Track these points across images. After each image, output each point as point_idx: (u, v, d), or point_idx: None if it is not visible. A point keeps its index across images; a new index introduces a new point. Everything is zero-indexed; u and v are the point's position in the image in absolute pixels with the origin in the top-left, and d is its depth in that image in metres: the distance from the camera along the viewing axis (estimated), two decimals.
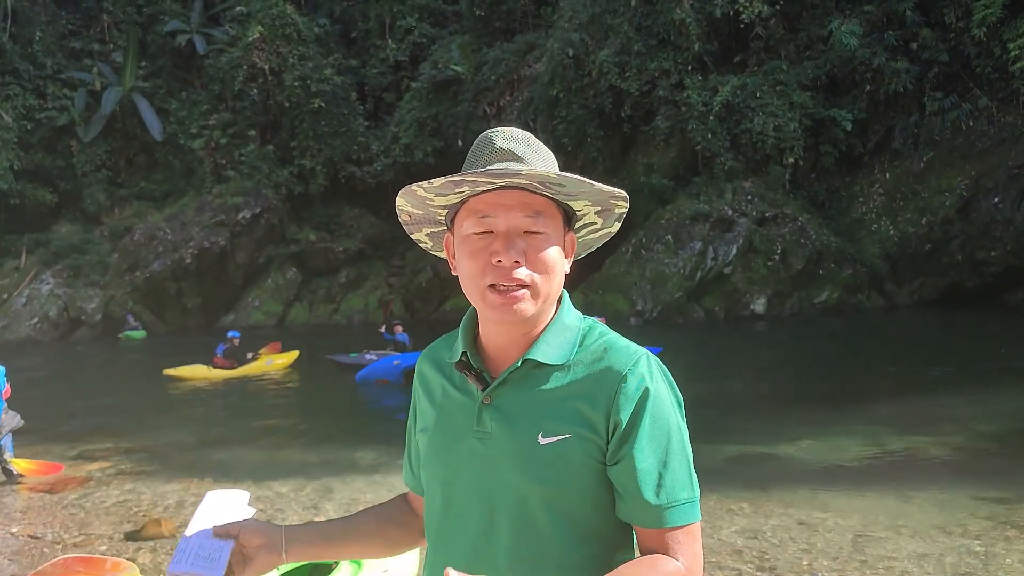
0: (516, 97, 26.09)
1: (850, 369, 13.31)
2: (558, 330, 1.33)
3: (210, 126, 28.76)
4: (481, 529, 1.31)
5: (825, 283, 21.22)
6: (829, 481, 6.88)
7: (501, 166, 1.25)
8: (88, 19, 31.35)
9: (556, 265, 1.29)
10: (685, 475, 1.27)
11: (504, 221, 1.25)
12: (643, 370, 1.28)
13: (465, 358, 1.36)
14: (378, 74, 30.48)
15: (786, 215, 21.50)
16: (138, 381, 16.34)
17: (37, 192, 27.75)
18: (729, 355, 15.84)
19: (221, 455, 8.96)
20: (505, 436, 1.29)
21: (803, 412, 10.09)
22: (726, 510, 5.96)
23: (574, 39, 23.36)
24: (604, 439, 1.26)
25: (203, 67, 30.50)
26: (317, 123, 28.21)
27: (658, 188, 22.33)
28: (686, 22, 21.86)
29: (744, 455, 7.95)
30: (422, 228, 1.44)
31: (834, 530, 5.46)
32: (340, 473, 7.62)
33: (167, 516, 6.38)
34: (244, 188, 27.57)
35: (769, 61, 22.31)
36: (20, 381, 9.41)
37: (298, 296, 27.69)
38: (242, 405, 12.93)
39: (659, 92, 22.39)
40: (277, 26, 28.28)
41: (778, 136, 21.25)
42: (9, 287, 26.01)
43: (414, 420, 1.49)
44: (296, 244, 27.89)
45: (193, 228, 26.87)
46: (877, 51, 20.72)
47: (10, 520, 6.61)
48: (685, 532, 1.26)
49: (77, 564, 3.85)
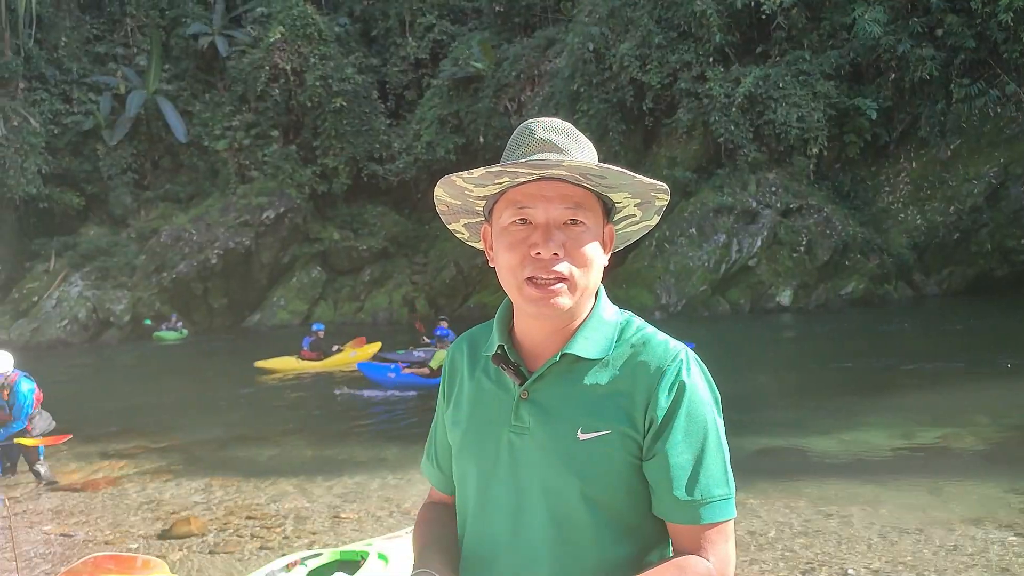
0: (537, 92, 26.06)
1: (878, 361, 13.16)
2: (596, 324, 1.32)
3: (233, 127, 28.99)
4: (519, 524, 1.30)
5: (851, 274, 21.01)
6: (858, 473, 6.80)
7: (541, 157, 1.24)
8: (112, 23, 31.68)
9: (595, 258, 1.28)
10: (720, 472, 1.25)
11: (543, 213, 1.24)
12: (681, 366, 1.26)
13: (502, 351, 1.34)
14: (399, 72, 30.57)
15: (811, 206, 21.30)
16: (169, 381, 16.49)
17: (65, 196, 28.10)
18: (755, 348, 15.74)
19: (250, 453, 9.03)
20: (543, 431, 1.28)
21: (831, 404, 9.99)
22: (753, 503, 5.91)
23: (594, 33, 23.28)
24: (641, 435, 1.25)
25: (225, 69, 30.74)
26: (339, 122, 28.33)
27: (681, 181, 22.20)
28: (707, 13, 21.70)
29: (771, 448, 7.89)
30: (459, 219, 1.43)
31: (864, 523, 5.40)
32: (370, 470, 7.65)
33: (196, 515, 6.43)
34: (268, 188, 27.77)
35: (791, 51, 22.09)
36: (51, 383, 9.55)
37: (323, 295, 27.85)
38: (271, 403, 13.02)
39: (680, 84, 22.26)
40: (298, 26, 28.42)
41: (802, 126, 21.05)
42: (39, 290, 26.37)
43: (444, 411, 1.47)
44: (320, 243, 28.06)
45: (218, 229, 27.10)
46: (902, 38, 20.44)
47: (42, 519, 6.70)
48: (718, 530, 1.24)
49: (108, 562, 3.89)
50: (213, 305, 27.24)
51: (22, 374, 7.96)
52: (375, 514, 6.20)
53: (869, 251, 21.02)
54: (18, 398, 7.75)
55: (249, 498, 6.92)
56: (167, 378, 16.93)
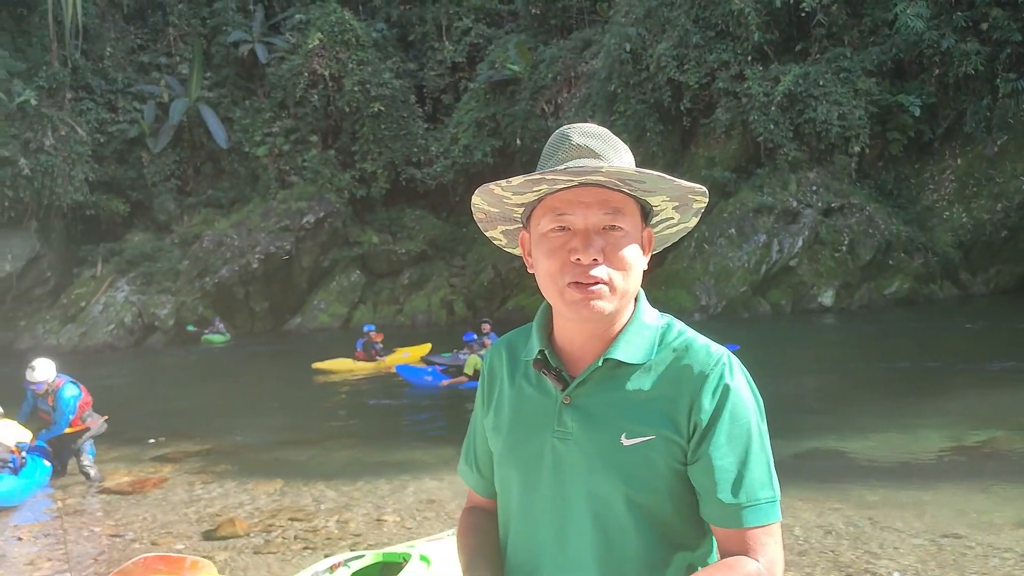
0: (573, 94, 26.03)
1: (924, 362, 12.93)
2: (637, 329, 1.33)
3: (273, 133, 29.34)
4: (563, 529, 1.31)
5: (895, 273, 20.67)
6: (903, 476, 6.69)
7: (579, 163, 1.24)
8: (155, 33, 32.25)
9: (634, 262, 1.28)
10: (765, 474, 1.26)
11: (582, 219, 1.24)
12: (724, 369, 1.27)
13: (542, 356, 1.35)
14: (436, 76, 30.71)
15: (853, 205, 21.00)
16: (213, 384, 16.73)
17: (111, 203, 28.64)
18: (797, 349, 15.54)
19: (292, 455, 9.13)
20: (587, 436, 1.28)
21: (875, 406, 9.85)
22: (797, 506, 5.84)
23: (631, 33, 23.19)
24: (686, 439, 1.25)
25: (265, 75, 31.13)
26: (377, 127, 28.54)
27: (720, 181, 22.02)
28: (745, 12, 21.50)
29: (814, 450, 7.79)
30: (497, 226, 1.44)
31: (910, 527, 5.31)
32: (411, 472, 7.68)
33: (241, 516, 6.52)
34: (307, 193, 28.05)
35: (832, 48, 21.80)
36: (100, 387, 9.74)
37: (362, 298, 28.05)
38: (314, 406, 13.15)
39: (719, 84, 22.08)
40: (336, 32, 28.69)
41: (843, 124, 20.76)
42: (87, 295, 26.91)
43: (482, 416, 1.48)
44: (359, 247, 28.27)
45: (259, 234, 27.43)
46: (945, 33, 20.07)
47: (92, 520, 6.84)
48: (765, 532, 1.24)
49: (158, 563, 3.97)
50: (255, 309, 27.59)
51: (67, 380, 8.14)
52: (416, 516, 6.24)
53: (913, 250, 20.67)
54: (60, 403, 7.93)
55: (292, 500, 7.00)
56: (211, 381, 17.18)
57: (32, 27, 28.29)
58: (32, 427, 8.00)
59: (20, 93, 26.14)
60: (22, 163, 25.58)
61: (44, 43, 28.13)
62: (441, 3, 30.75)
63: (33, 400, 8.15)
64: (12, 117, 26.11)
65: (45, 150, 26.47)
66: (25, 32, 28.38)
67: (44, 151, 26.44)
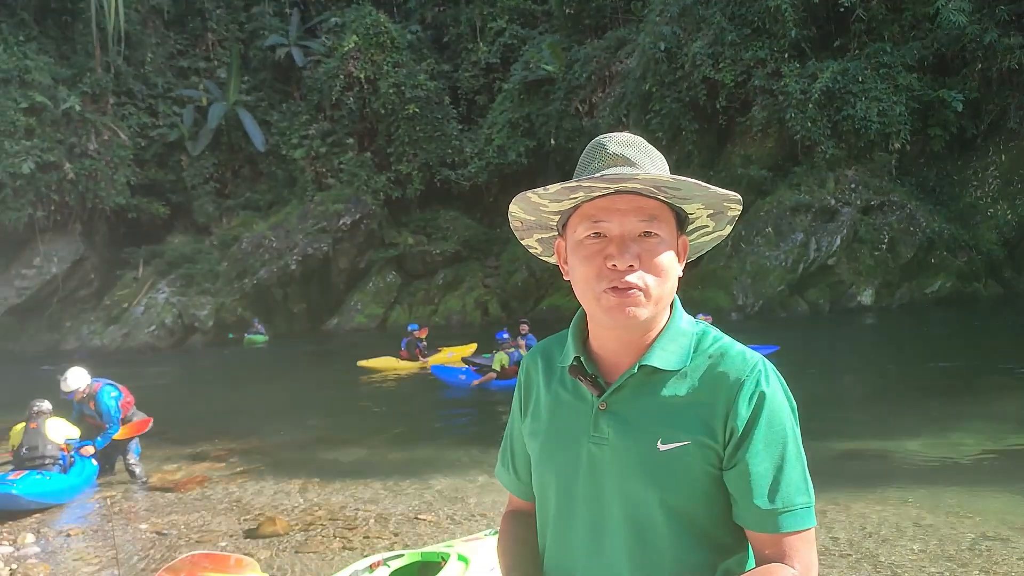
0: (608, 93, 25.96)
1: (967, 361, 12.71)
2: (673, 335, 1.34)
3: (310, 136, 29.63)
4: (599, 534, 1.33)
5: (937, 272, 20.33)
6: (946, 479, 6.59)
7: (614, 171, 1.26)
8: (194, 38, 32.74)
9: (670, 269, 1.29)
10: (801, 480, 1.26)
11: (618, 225, 1.26)
12: (760, 376, 1.28)
13: (578, 363, 1.37)
14: (470, 77, 30.81)
15: (893, 203, 20.70)
16: (253, 384, 16.94)
17: (152, 206, 29.13)
18: (836, 349, 15.37)
19: (331, 454, 9.22)
20: (623, 442, 1.30)
21: (916, 407, 9.70)
22: (836, 508, 5.79)
23: (666, 32, 23.08)
24: (721, 445, 1.26)
25: (302, 79, 31.47)
26: (412, 129, 28.70)
27: (757, 179, 21.83)
28: (781, 8, 21.28)
29: (854, 452, 7.70)
30: (533, 234, 1.45)
31: (954, 530, 5.23)
32: (449, 472, 7.73)
33: (281, 515, 6.61)
34: (344, 195, 28.30)
35: (871, 44, 21.49)
36: (143, 388, 9.92)
37: (398, 299, 28.22)
38: (353, 406, 13.26)
39: (755, 82, 21.88)
40: (371, 35, 28.90)
41: (883, 121, 20.46)
42: (129, 297, 27.40)
43: (519, 421, 1.50)
44: (395, 248, 28.44)
45: (297, 235, 27.73)
46: (988, 27, 19.69)
47: (138, 518, 6.98)
48: (800, 538, 1.25)
49: (204, 560, 4.05)
50: (292, 310, 27.89)
51: (104, 382, 8.30)
52: (454, 516, 6.28)
53: (956, 248, 20.32)
54: (102, 406, 8.09)
55: (332, 499, 7.08)
56: (251, 382, 17.39)
57: (76, 34, 28.87)
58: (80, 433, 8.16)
59: (65, 99, 26.72)
60: (67, 167, 26.15)
61: (88, 50, 28.70)
62: (475, 4, 30.84)
63: (78, 407, 8.33)
64: (57, 123, 26.70)
65: (89, 154, 27.04)
66: (70, 39, 28.97)
67: (88, 155, 27.01)
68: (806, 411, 1.32)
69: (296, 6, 33.47)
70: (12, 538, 6.54)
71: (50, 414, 7.84)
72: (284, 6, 33.22)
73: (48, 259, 26.93)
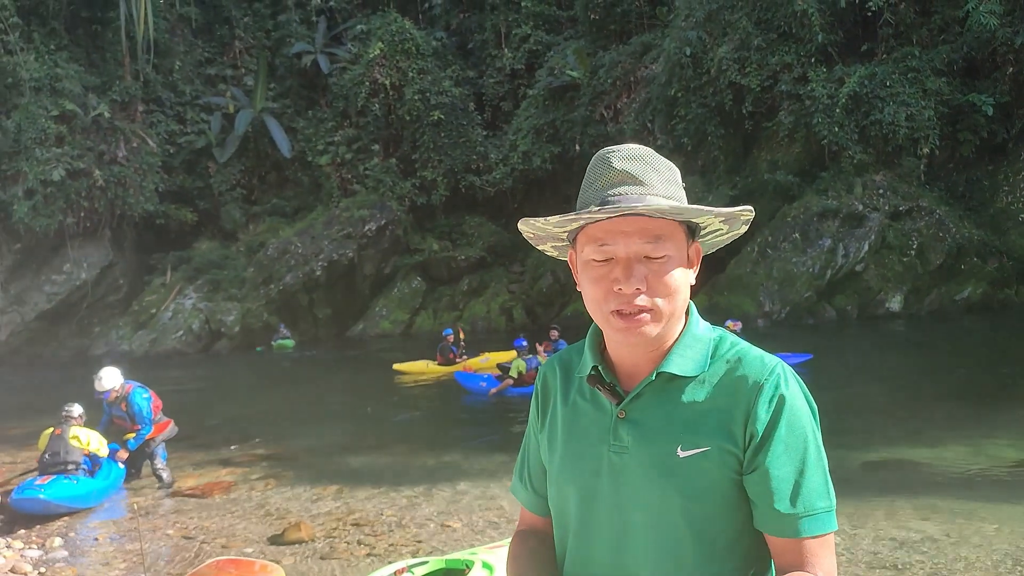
0: (633, 99, 25.88)
1: (998, 369, 12.51)
2: (690, 342, 1.33)
3: (336, 142, 29.80)
4: (621, 543, 1.31)
5: (968, 278, 20.04)
6: (976, 489, 6.48)
7: (619, 190, 1.26)
8: (222, 46, 33.06)
9: (679, 286, 1.28)
10: (822, 484, 1.25)
11: (624, 248, 1.25)
12: (779, 379, 1.27)
13: (596, 372, 1.37)
14: (495, 83, 30.85)
15: (922, 208, 20.45)
16: (279, 389, 17.03)
17: (179, 212, 29.42)
18: (864, 355, 15.19)
19: (356, 461, 9.25)
20: (643, 450, 1.29)
21: (946, 415, 9.56)
22: (866, 517, 5.71)
23: (691, 37, 22.98)
24: (741, 450, 1.25)
25: (327, 85, 31.66)
26: (437, 135, 28.78)
27: (783, 185, 21.65)
28: (808, 13, 21.12)
29: (883, 460, 7.60)
30: (546, 243, 1.46)
31: (985, 541, 5.13)
32: (474, 479, 7.73)
33: (306, 521, 6.62)
34: (369, 201, 28.42)
35: (900, 48, 21.24)
36: (170, 392, 10.01)
37: (423, 304, 28.28)
38: (378, 413, 13.29)
39: (781, 86, 21.73)
40: (396, 42, 29.03)
41: (911, 126, 20.21)
42: (156, 302, 27.68)
43: (536, 432, 1.49)
44: (420, 254, 28.52)
45: (322, 241, 27.87)
46: (1019, 30, 19.40)
47: (164, 522, 7.03)
48: (821, 543, 1.24)
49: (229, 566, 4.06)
50: (318, 316, 28.02)
51: (136, 385, 8.40)
52: (479, 524, 6.26)
53: (987, 254, 20.02)
54: (134, 407, 8.18)
55: (356, 505, 7.09)
56: (277, 387, 17.49)
57: (106, 43, 29.26)
58: (109, 437, 8.24)
59: (95, 107, 27.08)
60: (96, 175, 26.47)
61: (117, 58, 29.07)
62: (500, 11, 30.88)
63: (108, 410, 8.42)
64: (87, 130, 27.06)
65: (118, 161, 27.37)
66: (99, 48, 29.37)
67: (117, 163, 27.33)
68: (834, 418, 1.30)
69: (322, 14, 33.69)
70: (40, 542, 6.61)
71: (78, 420, 7.90)
72: (310, 14, 33.45)
73: (78, 265, 27.27)
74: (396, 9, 31.16)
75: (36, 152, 25.31)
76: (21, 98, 25.81)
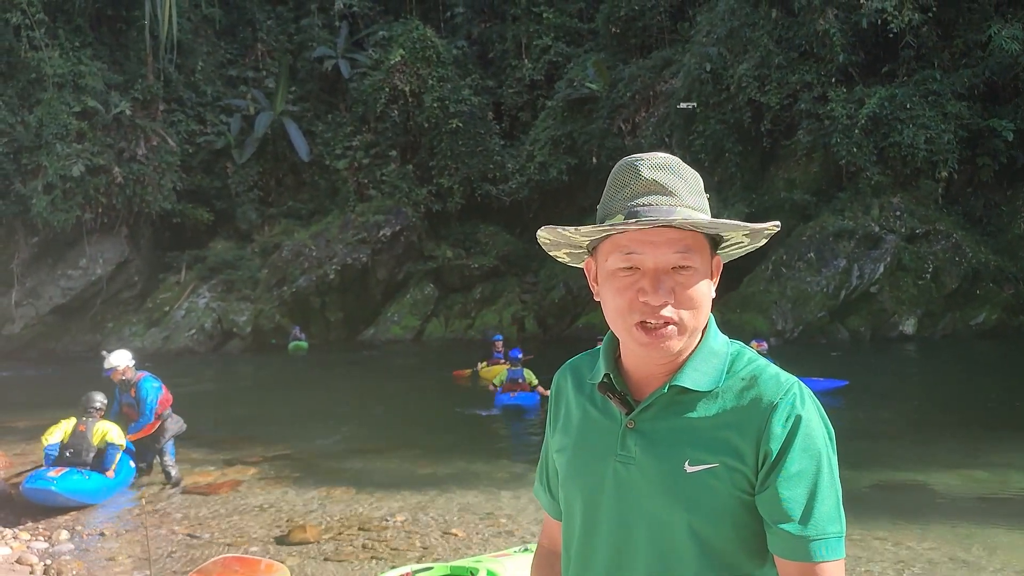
0: (652, 113, 25.89)
1: (1012, 395, 12.42)
2: (706, 356, 1.31)
3: (353, 147, 29.91)
4: (622, 554, 1.31)
5: (983, 303, 19.93)
6: (988, 515, 6.42)
7: (648, 200, 1.25)
8: (244, 48, 33.29)
9: (704, 299, 1.27)
10: (834, 508, 1.22)
11: (652, 259, 1.24)
12: (795, 399, 1.24)
13: (608, 380, 1.35)
14: (514, 93, 30.93)
15: (939, 231, 20.35)
16: (289, 391, 17.06)
17: (196, 211, 29.58)
18: (876, 377, 15.09)
19: (364, 464, 9.25)
20: (650, 462, 1.28)
21: (958, 440, 9.49)
22: (874, 540, 5.67)
23: (712, 53, 23.00)
24: (753, 469, 1.23)
25: (347, 90, 31.82)
26: (455, 143, 28.85)
27: (800, 204, 21.61)
28: (830, 33, 21.11)
29: (893, 483, 7.55)
30: (561, 249, 1.44)
31: (998, 569, 5.09)
32: (481, 487, 7.72)
33: (312, 522, 6.63)
34: (385, 207, 28.49)
35: (921, 70, 21.19)
36: (180, 389, 10.04)
37: (435, 311, 28.30)
38: (387, 416, 13.30)
39: (801, 105, 21.70)
40: (417, 49, 29.15)
41: (930, 148, 20.14)
42: (170, 300, 27.81)
43: (551, 437, 1.49)
44: (433, 261, 28.55)
45: (337, 245, 27.96)
46: None
47: (171, 519, 7.05)
48: (830, 568, 1.20)
49: (235, 564, 4.08)
50: (330, 319, 28.09)
51: (147, 374, 8.44)
52: (484, 532, 6.25)
53: (1003, 280, 19.91)
54: (142, 392, 8.22)
55: (362, 509, 7.09)
56: (287, 388, 17.52)
57: (129, 41, 29.52)
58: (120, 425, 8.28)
59: (116, 104, 27.31)
60: (116, 171, 26.67)
61: (140, 57, 29.31)
62: (521, 21, 30.99)
63: (119, 396, 8.47)
64: (108, 127, 27.28)
65: (137, 159, 27.58)
66: (123, 46, 29.64)
67: (136, 160, 27.54)
68: (845, 438, 1.28)
69: (345, 19, 33.89)
70: (47, 534, 6.64)
71: (101, 414, 7.91)
72: (333, 19, 33.65)
73: (94, 261, 27.44)
74: (418, 17, 31.31)
75: (57, 147, 25.51)
76: (44, 93, 26.06)
